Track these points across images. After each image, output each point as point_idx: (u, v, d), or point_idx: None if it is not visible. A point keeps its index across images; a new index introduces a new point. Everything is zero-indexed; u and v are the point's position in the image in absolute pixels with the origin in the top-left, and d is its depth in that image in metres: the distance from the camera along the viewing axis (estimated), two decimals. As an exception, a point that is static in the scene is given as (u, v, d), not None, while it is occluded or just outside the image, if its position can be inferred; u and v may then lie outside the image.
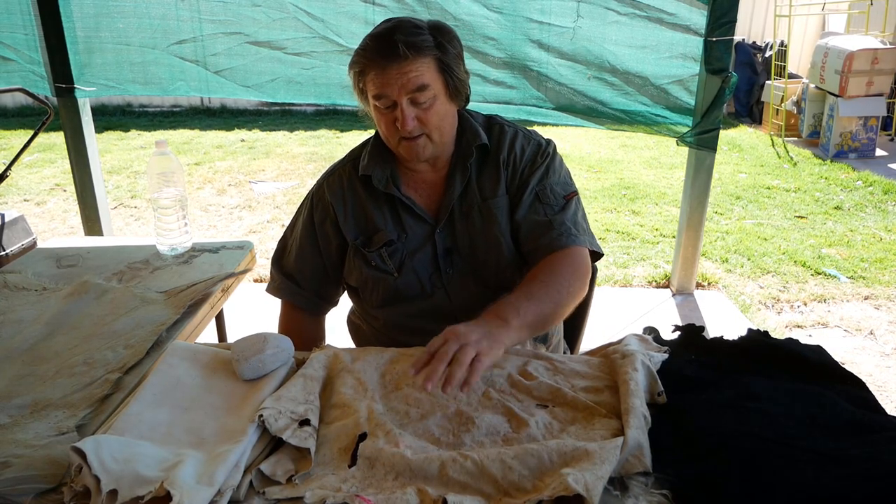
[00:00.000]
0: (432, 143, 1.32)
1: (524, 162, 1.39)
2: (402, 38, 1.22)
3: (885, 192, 4.98)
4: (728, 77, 2.79)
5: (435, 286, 1.37)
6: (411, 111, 1.26)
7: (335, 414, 1.05)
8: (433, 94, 1.26)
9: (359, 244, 1.39)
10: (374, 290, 1.39)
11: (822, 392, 1.08)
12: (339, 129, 7.16)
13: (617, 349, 1.19)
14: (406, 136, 1.29)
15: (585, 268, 1.31)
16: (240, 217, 4.59)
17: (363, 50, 1.27)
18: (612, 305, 3.26)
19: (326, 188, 1.44)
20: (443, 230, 1.37)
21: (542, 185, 1.37)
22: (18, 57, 3.15)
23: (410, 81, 1.23)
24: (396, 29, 1.25)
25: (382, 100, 1.26)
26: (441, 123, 1.30)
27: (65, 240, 2.11)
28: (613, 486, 0.90)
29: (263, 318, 3.10)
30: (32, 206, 4.78)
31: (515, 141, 1.40)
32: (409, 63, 1.23)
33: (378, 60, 1.24)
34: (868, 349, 2.91)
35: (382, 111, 1.28)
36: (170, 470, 0.89)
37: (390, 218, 1.38)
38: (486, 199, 1.37)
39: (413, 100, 1.25)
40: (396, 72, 1.23)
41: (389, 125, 1.29)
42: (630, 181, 5.32)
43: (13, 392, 1.18)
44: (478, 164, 1.39)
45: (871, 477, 0.88)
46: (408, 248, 1.37)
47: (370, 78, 1.26)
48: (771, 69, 6.73)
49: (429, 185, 1.41)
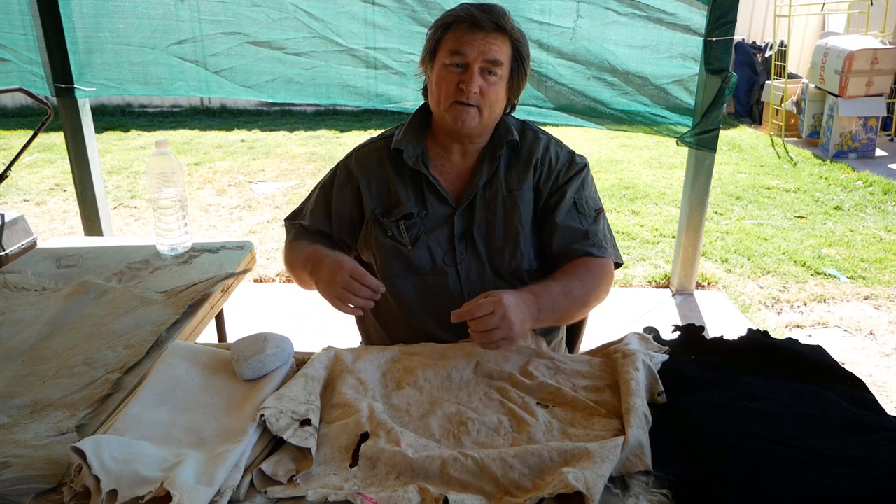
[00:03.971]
0: (480, 118, 1.38)
1: (559, 166, 1.47)
2: (498, 15, 1.34)
3: (885, 192, 4.98)
4: (728, 77, 2.79)
5: (447, 265, 1.41)
6: (479, 80, 1.34)
7: (336, 414, 1.05)
8: (501, 74, 1.36)
9: (378, 213, 1.44)
10: (386, 260, 1.43)
11: (822, 392, 1.08)
12: (339, 129, 7.16)
13: (618, 348, 1.19)
14: (461, 101, 1.34)
15: (610, 279, 1.42)
16: (240, 217, 4.59)
17: (456, 11, 1.36)
18: (613, 305, 3.25)
19: (355, 158, 1.50)
20: (462, 214, 1.42)
21: (579, 195, 1.46)
22: (16, 58, 3.14)
23: (491, 51, 1.33)
24: (494, 8, 1.36)
25: (457, 56, 1.34)
26: (494, 104, 1.38)
27: (65, 240, 2.11)
28: (614, 484, 0.90)
29: (263, 318, 3.12)
30: (32, 206, 4.78)
31: (550, 146, 1.49)
32: (496, 37, 1.34)
33: (470, 21, 1.33)
34: (868, 349, 2.91)
35: (450, 69, 1.35)
36: (170, 470, 0.89)
37: (413, 194, 1.43)
38: (512, 190, 1.43)
39: (484, 69, 1.34)
40: (483, 38, 1.33)
41: (451, 84, 1.35)
42: (630, 181, 5.32)
43: (13, 392, 1.17)
44: (506, 158, 1.46)
45: (871, 477, 0.88)
46: (426, 226, 1.42)
47: (453, 33, 1.35)
48: (771, 69, 6.73)
49: (455, 170, 1.46)
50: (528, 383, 1.12)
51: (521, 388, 1.12)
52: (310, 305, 3.05)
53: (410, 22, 2.96)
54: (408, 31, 2.98)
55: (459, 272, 1.40)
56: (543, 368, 1.17)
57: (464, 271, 1.41)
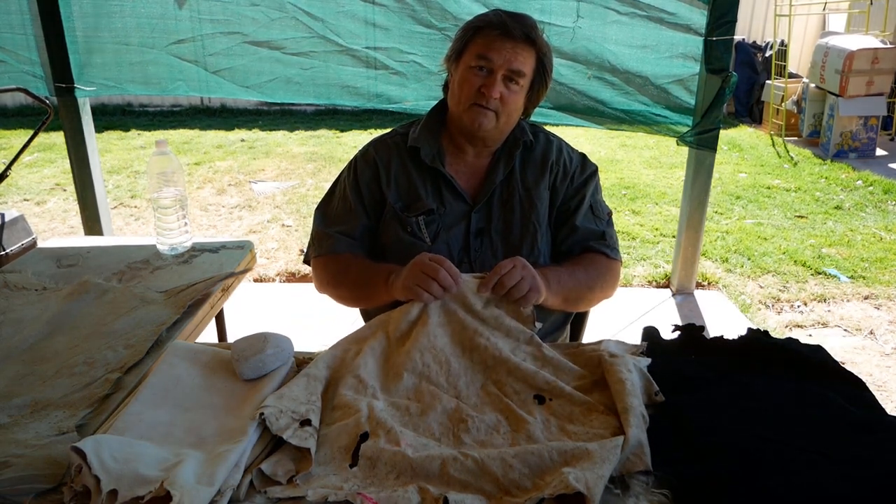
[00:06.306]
0: (496, 123, 1.41)
1: (573, 167, 1.52)
2: (529, 26, 1.38)
3: (886, 191, 4.98)
4: (728, 77, 2.79)
5: (462, 261, 1.44)
6: (501, 86, 1.37)
7: (336, 415, 1.05)
8: (523, 84, 1.40)
9: (398, 208, 1.45)
10: (404, 255, 1.41)
11: (822, 392, 1.08)
12: (339, 129, 7.15)
13: (596, 349, 1.18)
14: (481, 104, 1.38)
15: (617, 279, 1.52)
16: (240, 217, 4.59)
17: (488, 16, 1.40)
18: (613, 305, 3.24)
19: (374, 150, 1.52)
20: (479, 211, 1.46)
21: (594, 199, 1.53)
22: (15, 59, 3.14)
23: (517, 61, 1.37)
24: (526, 19, 1.40)
25: (483, 61, 1.37)
26: (513, 112, 1.42)
27: (65, 240, 2.11)
28: (614, 484, 0.91)
29: (263, 318, 3.12)
30: (32, 205, 4.77)
31: (562, 148, 1.54)
32: (524, 47, 1.38)
33: (500, 29, 1.36)
34: (868, 349, 2.91)
35: (474, 72, 1.38)
36: (170, 470, 0.89)
37: (431, 191, 1.46)
38: (529, 189, 1.47)
39: (507, 77, 1.37)
40: (511, 46, 1.36)
41: (473, 87, 1.38)
42: (630, 181, 5.32)
43: (13, 392, 1.17)
44: (521, 157, 1.49)
45: (871, 477, 0.88)
46: (444, 222, 1.44)
47: (482, 38, 1.38)
48: (771, 69, 6.73)
49: (470, 169, 1.49)
50: (525, 372, 1.12)
51: (517, 376, 1.11)
52: (310, 305, 3.05)
53: (410, 22, 2.95)
54: (408, 31, 2.98)
55: (474, 268, 1.43)
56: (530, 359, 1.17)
57: (478, 268, 1.43)
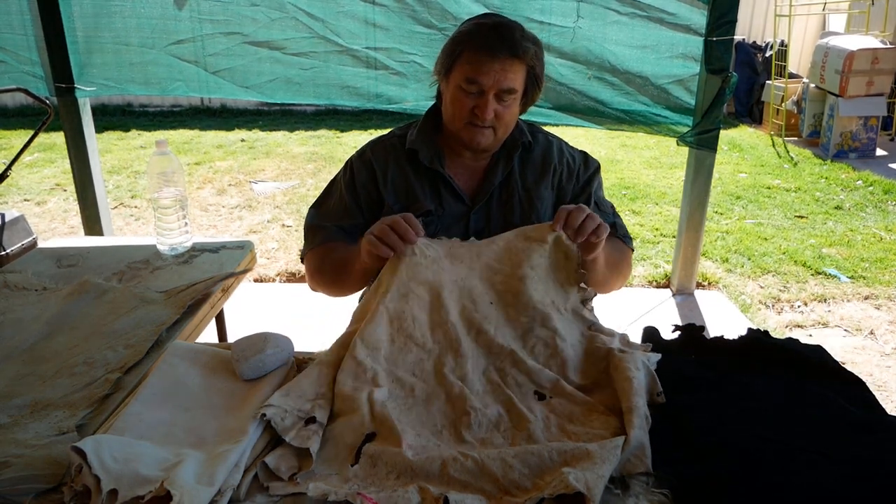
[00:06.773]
0: (494, 137, 1.41)
1: (577, 165, 1.53)
2: (514, 41, 1.32)
3: (886, 191, 4.98)
4: (728, 77, 2.79)
5: None
6: (493, 104, 1.35)
7: (337, 405, 1.05)
8: (516, 97, 1.38)
9: (396, 210, 1.44)
10: None
11: (822, 392, 1.08)
12: (339, 129, 7.15)
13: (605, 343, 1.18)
14: (476, 123, 1.37)
15: (630, 265, 1.53)
16: (240, 217, 4.59)
17: (473, 33, 1.35)
18: (613, 305, 3.25)
19: (371, 152, 1.51)
20: (477, 212, 1.46)
21: (598, 196, 1.53)
22: (15, 59, 3.14)
23: (507, 80, 1.33)
24: (510, 28, 1.34)
25: (473, 85, 1.34)
26: (509, 123, 1.42)
27: (65, 240, 2.11)
28: (615, 485, 0.91)
29: (263, 318, 3.12)
30: (32, 205, 4.77)
31: (563, 147, 1.54)
32: (512, 64, 1.33)
33: (485, 49, 1.32)
34: (868, 349, 2.91)
35: (466, 93, 1.36)
36: (170, 470, 0.89)
37: (429, 193, 1.45)
38: (529, 190, 1.47)
39: (499, 96, 1.35)
40: (499, 67, 1.32)
41: (465, 108, 1.36)
42: (630, 181, 5.31)
43: (13, 392, 1.17)
44: (520, 158, 1.49)
45: (871, 477, 0.88)
46: (442, 223, 1.44)
47: (469, 60, 1.34)
48: (771, 69, 6.73)
49: (469, 170, 1.49)
50: (529, 365, 1.12)
51: (521, 368, 1.12)
52: (310, 305, 3.04)
53: (410, 22, 2.95)
54: (408, 31, 2.98)
55: None
56: (541, 347, 1.17)
57: None
